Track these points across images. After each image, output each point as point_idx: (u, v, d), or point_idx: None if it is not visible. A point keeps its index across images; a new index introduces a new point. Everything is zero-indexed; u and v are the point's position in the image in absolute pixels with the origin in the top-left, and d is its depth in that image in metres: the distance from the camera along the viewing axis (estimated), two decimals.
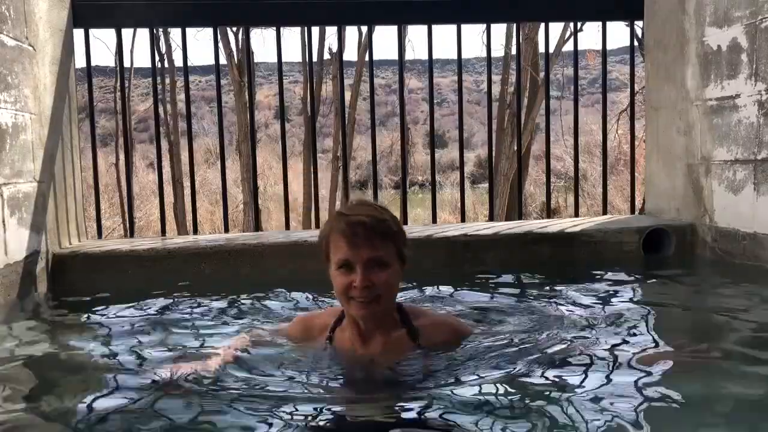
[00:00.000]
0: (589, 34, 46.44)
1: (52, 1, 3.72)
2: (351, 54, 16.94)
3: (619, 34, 28.00)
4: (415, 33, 35.17)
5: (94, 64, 4.56)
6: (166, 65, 15.79)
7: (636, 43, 6.66)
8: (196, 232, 4.96)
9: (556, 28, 16.12)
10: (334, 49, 14.32)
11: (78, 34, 4.12)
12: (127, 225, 5.54)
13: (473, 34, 30.24)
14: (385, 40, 19.64)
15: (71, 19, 3.99)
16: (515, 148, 10.81)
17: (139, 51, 49.81)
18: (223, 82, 8.58)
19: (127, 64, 12.78)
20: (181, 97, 11.91)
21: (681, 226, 4.00)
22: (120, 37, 4.40)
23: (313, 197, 8.23)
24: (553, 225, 4.13)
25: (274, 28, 4.60)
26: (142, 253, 3.65)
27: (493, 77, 5.44)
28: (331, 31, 15.13)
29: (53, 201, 3.61)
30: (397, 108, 5.39)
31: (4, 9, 3.13)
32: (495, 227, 4.13)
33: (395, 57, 4.82)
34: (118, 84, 7.14)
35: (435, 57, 4.73)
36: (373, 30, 5.40)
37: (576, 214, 4.97)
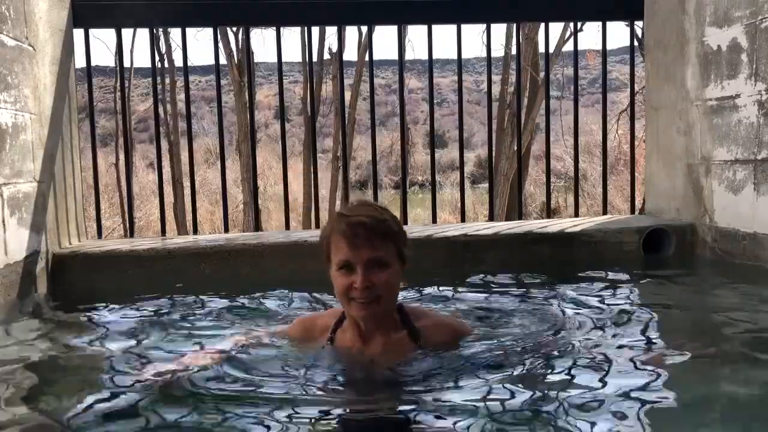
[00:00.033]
0: (589, 34, 46.46)
1: (52, 1, 3.72)
2: (351, 54, 16.97)
3: (619, 34, 28.01)
4: (415, 33, 35.20)
5: (94, 64, 4.56)
6: (166, 65, 15.80)
7: (636, 43, 6.66)
8: (196, 232, 4.96)
9: (556, 28, 16.17)
10: (334, 49, 14.34)
11: (78, 34, 4.12)
12: (127, 225, 5.53)
13: (473, 34, 30.28)
14: (385, 40, 19.66)
15: (71, 19, 3.99)
16: (515, 148, 10.82)
17: (139, 51, 49.89)
18: (223, 82, 8.58)
19: (127, 64, 12.78)
20: (181, 97, 11.91)
21: (681, 226, 4.00)
22: (120, 37, 4.40)
23: (313, 197, 8.23)
24: (553, 225, 4.13)
25: (274, 28, 4.60)
26: (142, 253, 3.65)
27: (493, 77, 5.43)
28: (331, 31, 15.17)
29: (53, 201, 3.60)
30: (397, 108, 5.39)
31: (4, 9, 3.13)
32: (495, 227, 4.13)
33: (395, 57, 4.82)
34: (118, 84, 7.13)
35: (435, 57, 4.73)
36: (373, 30, 5.40)
37: (576, 214, 4.97)
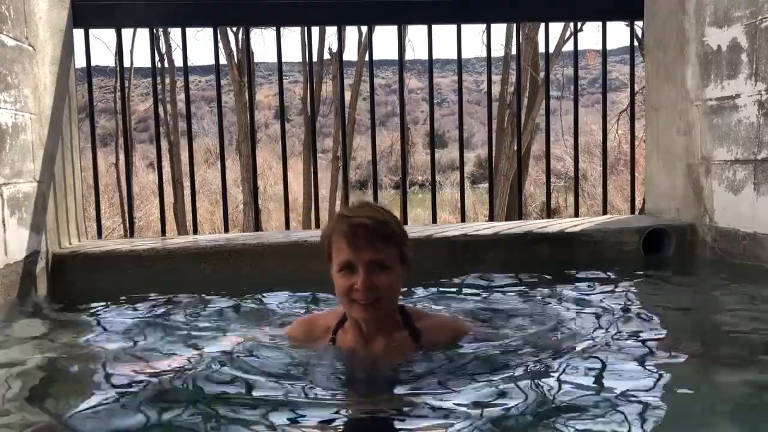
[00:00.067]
0: (589, 34, 46.47)
1: (52, 1, 3.72)
2: (351, 54, 16.97)
3: (619, 34, 28.01)
4: (415, 33, 35.18)
5: (94, 64, 4.56)
6: (166, 65, 15.80)
7: (636, 43, 6.66)
8: (196, 232, 4.96)
9: (556, 28, 16.17)
10: (334, 49, 14.34)
11: (78, 34, 4.12)
12: (127, 225, 5.53)
13: (473, 34, 30.28)
14: (385, 40, 19.66)
15: (71, 19, 3.99)
16: (515, 148, 10.82)
17: (139, 51, 49.83)
18: (223, 82, 8.58)
19: (127, 64, 12.79)
20: (181, 97, 11.92)
21: (681, 226, 4.00)
22: (120, 37, 4.40)
23: (313, 197, 8.22)
24: (553, 225, 4.13)
25: (274, 28, 4.60)
26: (142, 253, 3.65)
27: (493, 77, 5.43)
28: (331, 31, 15.16)
29: (53, 201, 3.60)
30: (397, 108, 5.39)
31: (4, 9, 3.13)
32: (495, 227, 4.13)
33: (395, 57, 4.82)
34: (118, 84, 7.14)
35: (435, 57, 4.73)
36: (373, 30, 5.40)
37: (576, 214, 4.97)
